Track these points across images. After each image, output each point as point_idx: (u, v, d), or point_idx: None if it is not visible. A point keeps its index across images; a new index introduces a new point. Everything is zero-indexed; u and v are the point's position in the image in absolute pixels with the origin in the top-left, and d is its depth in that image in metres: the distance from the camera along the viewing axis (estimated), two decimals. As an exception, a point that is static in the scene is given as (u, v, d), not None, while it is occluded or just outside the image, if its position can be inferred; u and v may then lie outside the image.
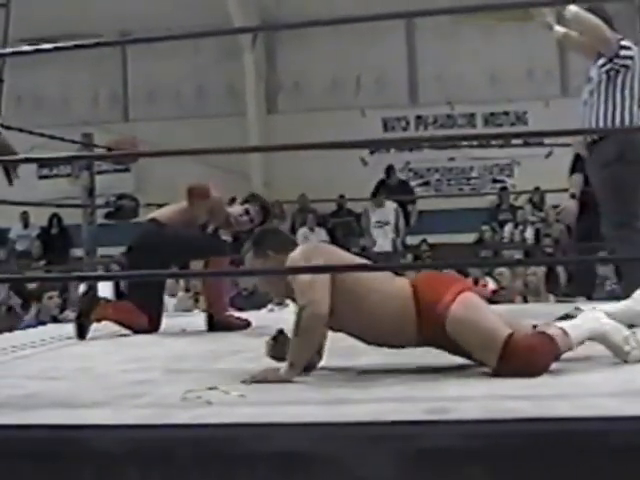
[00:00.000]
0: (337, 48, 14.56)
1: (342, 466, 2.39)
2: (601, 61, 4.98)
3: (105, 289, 9.24)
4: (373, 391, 2.95)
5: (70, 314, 6.66)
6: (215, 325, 5.38)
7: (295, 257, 3.51)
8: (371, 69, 14.91)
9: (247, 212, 5.62)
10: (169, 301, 10.53)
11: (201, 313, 6.22)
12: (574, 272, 6.75)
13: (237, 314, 5.71)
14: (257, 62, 14.71)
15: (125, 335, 5.22)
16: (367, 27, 14.18)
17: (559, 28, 5.54)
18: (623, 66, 4.91)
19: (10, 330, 6.57)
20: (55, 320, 6.91)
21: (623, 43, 4.94)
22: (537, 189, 11.47)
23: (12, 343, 4.87)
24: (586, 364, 3.32)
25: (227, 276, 5.47)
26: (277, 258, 3.61)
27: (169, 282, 10.56)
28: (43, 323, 6.85)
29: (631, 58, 4.93)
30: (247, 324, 5.40)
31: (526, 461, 2.34)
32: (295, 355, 3.28)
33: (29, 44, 4.19)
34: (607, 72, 4.94)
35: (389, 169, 14.02)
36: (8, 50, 4.77)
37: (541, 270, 9.13)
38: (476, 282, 9.25)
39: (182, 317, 6.04)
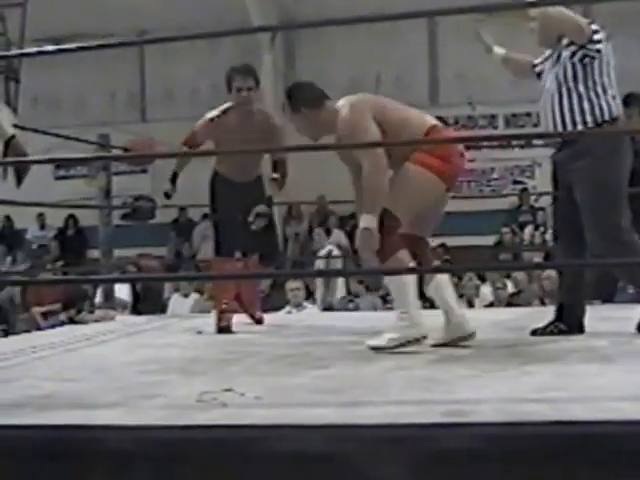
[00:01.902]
0: (357, 48, 14.53)
1: (358, 469, 2.38)
2: (569, 50, 4.58)
3: (122, 291, 9.26)
4: (389, 393, 2.93)
5: (87, 315, 6.64)
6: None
7: (346, 117, 4.20)
8: (391, 69, 14.87)
9: None
10: (184, 302, 10.57)
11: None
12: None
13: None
14: (276, 62, 14.68)
15: (142, 336, 5.22)
16: (387, 26, 14.18)
17: (498, 50, 5.35)
18: (597, 51, 4.49)
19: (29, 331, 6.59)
20: (72, 321, 6.88)
21: (594, 27, 4.51)
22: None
23: (31, 344, 4.88)
24: (602, 367, 3.29)
25: (232, 279, 5.47)
26: (311, 114, 4.34)
27: (183, 284, 10.62)
28: (62, 324, 6.83)
29: (601, 42, 4.48)
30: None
31: (543, 464, 2.32)
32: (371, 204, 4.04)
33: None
34: (581, 60, 4.51)
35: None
36: (26, 50, 4.77)
37: (554, 272, 9.04)
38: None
39: (198, 318, 6.03)
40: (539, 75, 4.93)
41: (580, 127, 4.46)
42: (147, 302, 10.98)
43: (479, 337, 4.49)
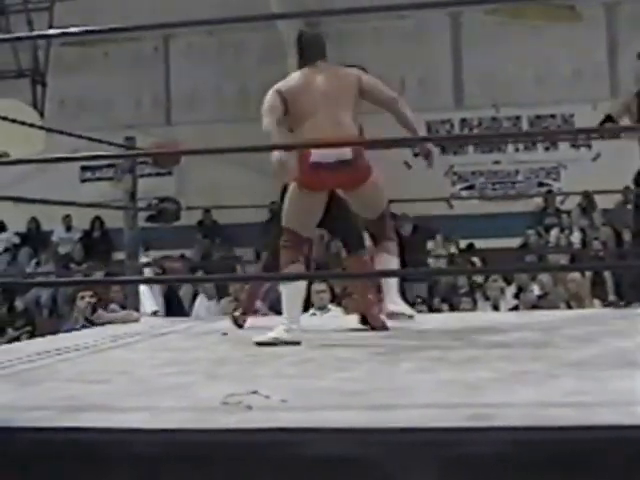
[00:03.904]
0: (381, 50, 14.52)
1: (383, 472, 2.37)
2: None
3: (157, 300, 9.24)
4: (414, 396, 2.91)
5: (104, 314, 6.57)
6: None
7: None
8: (415, 71, 14.84)
9: None
10: (209, 304, 10.57)
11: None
12: (625, 278, 6.58)
13: (277, 318, 5.68)
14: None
15: (166, 338, 5.22)
16: (412, 28, 14.17)
17: None
18: None
19: (54, 333, 6.57)
20: (88, 321, 6.74)
21: None
22: (587, 196, 11.39)
23: (56, 345, 4.89)
24: (630, 371, 3.27)
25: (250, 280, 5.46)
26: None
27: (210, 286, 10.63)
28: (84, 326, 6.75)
29: None
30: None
31: (570, 469, 2.31)
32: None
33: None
34: None
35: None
36: (50, 32, 4.80)
37: (578, 275, 9.00)
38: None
39: (223, 321, 6.02)
40: None
41: None
42: (172, 304, 11.01)
43: (504, 340, 4.47)
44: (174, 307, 11.06)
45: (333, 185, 4.91)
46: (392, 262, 5.01)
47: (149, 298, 9.80)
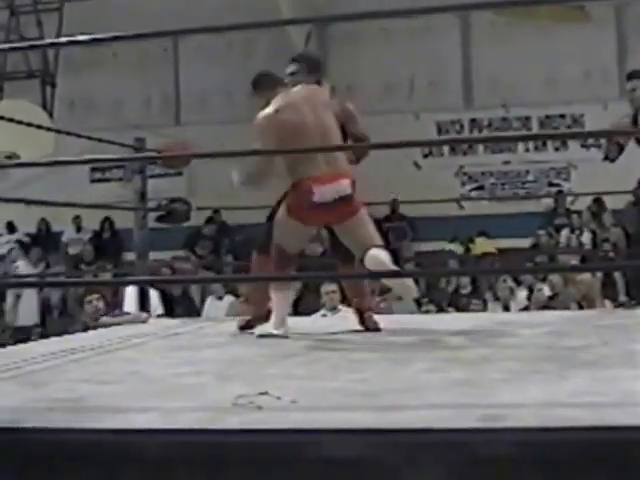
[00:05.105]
0: (390, 51, 14.52)
1: (393, 474, 2.36)
2: None
3: (154, 300, 9.18)
4: (424, 397, 2.90)
5: (108, 320, 6.53)
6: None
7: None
8: (425, 72, 14.84)
9: None
10: (219, 305, 10.55)
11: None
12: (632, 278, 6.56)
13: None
14: (309, 66, 14.66)
15: (176, 339, 5.22)
16: (421, 29, 14.17)
17: None
18: None
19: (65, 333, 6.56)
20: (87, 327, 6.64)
21: None
22: (596, 200, 11.37)
23: (66, 346, 4.89)
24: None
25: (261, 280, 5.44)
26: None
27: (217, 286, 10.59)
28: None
29: None
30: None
31: (581, 471, 2.30)
32: None
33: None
34: None
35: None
36: (59, 40, 4.81)
37: (588, 276, 8.97)
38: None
39: (233, 322, 6.01)
40: None
41: None
42: (181, 305, 11.00)
43: (515, 340, 4.47)
44: (185, 307, 11.06)
45: (324, 223, 4.99)
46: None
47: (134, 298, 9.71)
